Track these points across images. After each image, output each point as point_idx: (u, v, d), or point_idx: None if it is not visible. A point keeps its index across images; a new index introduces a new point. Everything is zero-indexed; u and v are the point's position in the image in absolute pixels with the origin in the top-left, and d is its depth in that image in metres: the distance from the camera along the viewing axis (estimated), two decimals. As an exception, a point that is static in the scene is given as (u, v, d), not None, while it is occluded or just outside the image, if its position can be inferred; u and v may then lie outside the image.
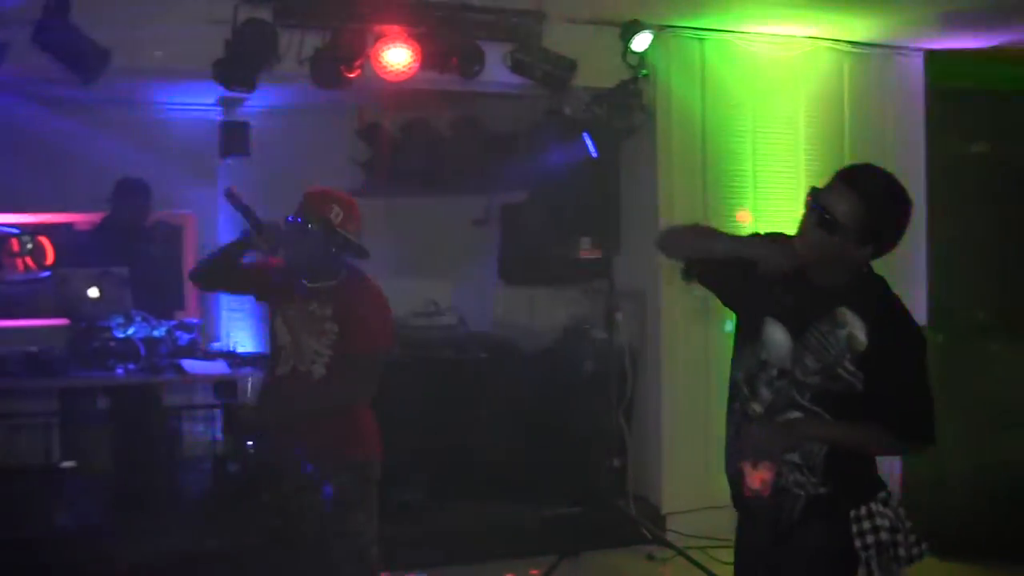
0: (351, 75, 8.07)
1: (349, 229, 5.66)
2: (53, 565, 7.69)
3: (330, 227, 5.60)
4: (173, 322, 9.22)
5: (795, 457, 4.23)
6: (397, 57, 8.06)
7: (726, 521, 8.83)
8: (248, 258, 5.90)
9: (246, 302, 11.21)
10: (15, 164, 9.67)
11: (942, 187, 9.49)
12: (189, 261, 11.22)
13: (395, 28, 8.11)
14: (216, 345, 10.20)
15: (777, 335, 4.24)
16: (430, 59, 8.21)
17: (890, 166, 4.17)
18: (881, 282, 4.21)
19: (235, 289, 6.31)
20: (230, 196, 5.74)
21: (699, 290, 7.49)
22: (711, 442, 8.91)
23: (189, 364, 8.95)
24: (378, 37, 8.10)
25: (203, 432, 10.16)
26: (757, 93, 9.47)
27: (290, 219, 5.67)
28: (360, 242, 5.74)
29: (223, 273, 5.95)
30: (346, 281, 5.72)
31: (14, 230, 11.16)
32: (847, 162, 4.35)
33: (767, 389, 4.28)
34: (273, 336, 5.84)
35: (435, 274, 11.43)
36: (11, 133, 9.72)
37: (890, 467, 8.06)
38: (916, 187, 9.73)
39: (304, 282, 5.70)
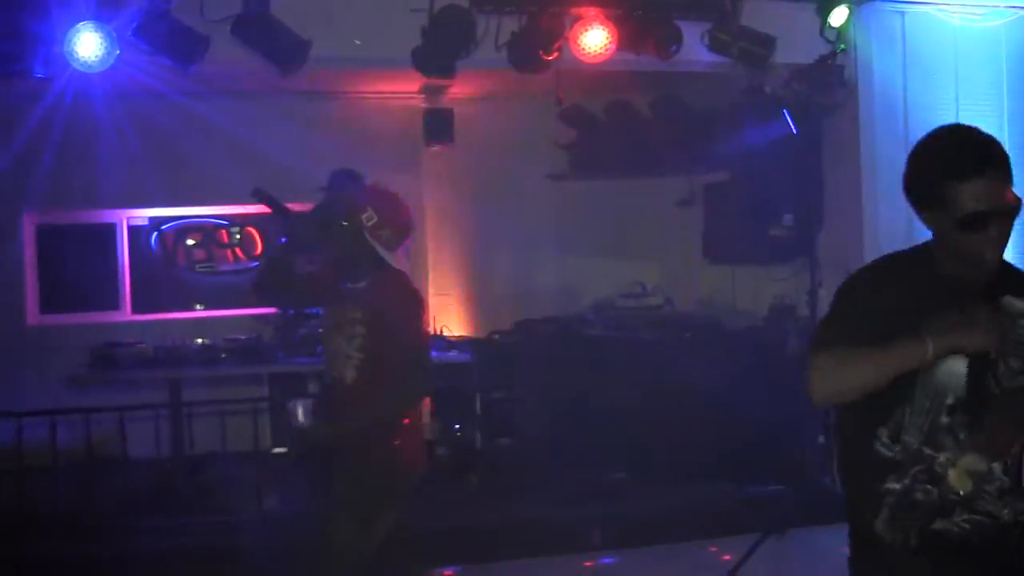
0: (549, 58, 8.21)
1: (379, 235, 5.39)
2: (261, 548, 7.77)
3: (357, 229, 5.39)
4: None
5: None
6: (594, 39, 8.16)
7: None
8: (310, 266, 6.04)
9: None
10: (221, 158, 9.94)
11: None
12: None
13: (591, 10, 8.20)
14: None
15: (955, 366, 3.45)
16: (627, 40, 8.29)
17: None
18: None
19: (301, 300, 6.46)
20: (257, 193, 5.78)
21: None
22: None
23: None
24: (575, 19, 8.21)
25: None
26: (959, 64, 9.40)
27: (315, 211, 5.80)
28: (394, 247, 5.46)
29: (279, 283, 5.93)
30: (377, 280, 5.47)
31: (223, 222, 11.59)
32: None
33: (954, 431, 3.46)
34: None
35: (640, 255, 11.56)
36: (212, 129, 9.97)
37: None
38: None
39: (345, 283, 5.56)
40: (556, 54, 8.22)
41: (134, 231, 11.23)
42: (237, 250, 11.54)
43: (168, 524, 8.31)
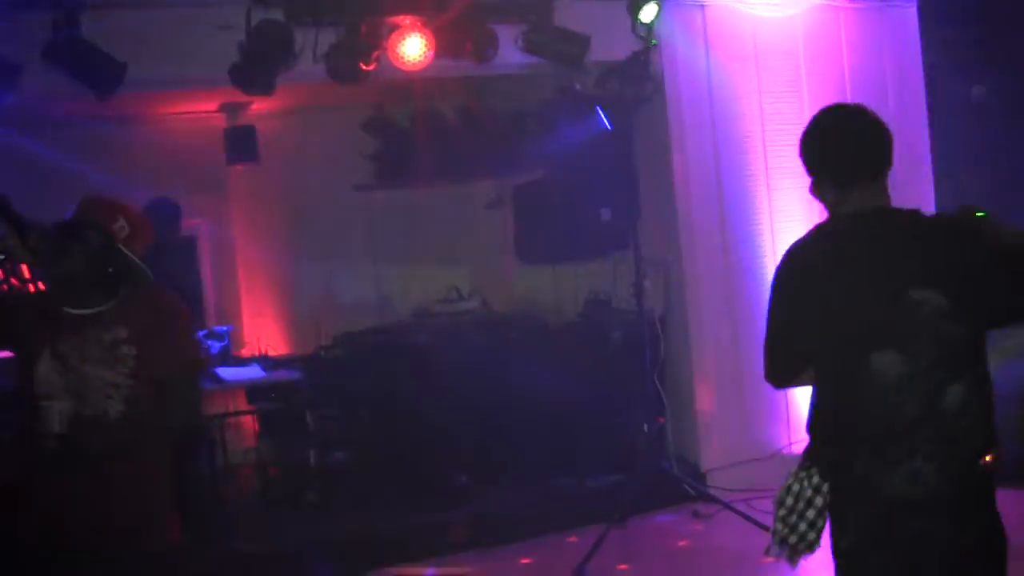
0: (368, 68, 8.25)
1: (135, 249, 4.71)
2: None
3: (111, 242, 4.63)
4: (203, 331, 9.36)
5: None
6: (413, 47, 8.23)
7: (766, 471, 9.20)
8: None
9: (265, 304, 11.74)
10: (24, 187, 9.72)
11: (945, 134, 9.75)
12: (205, 270, 11.40)
13: (408, 18, 8.28)
14: (245, 351, 10.40)
15: None
16: (444, 46, 8.36)
17: (891, 116, 4.39)
18: None
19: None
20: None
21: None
22: (743, 397, 9.23)
23: (224, 371, 9.14)
24: (392, 28, 8.27)
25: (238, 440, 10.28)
26: (760, 55, 9.71)
27: (62, 226, 4.66)
28: (144, 264, 4.76)
29: None
30: (132, 295, 4.73)
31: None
32: None
33: None
34: (31, 387, 4.60)
35: (453, 261, 11.65)
36: (17, 158, 9.73)
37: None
38: (919, 135, 10.04)
39: (75, 308, 4.66)
40: (375, 64, 8.25)
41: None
42: (40, 284, 11.26)
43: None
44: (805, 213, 9.46)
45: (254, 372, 9.42)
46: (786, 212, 9.62)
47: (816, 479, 3.98)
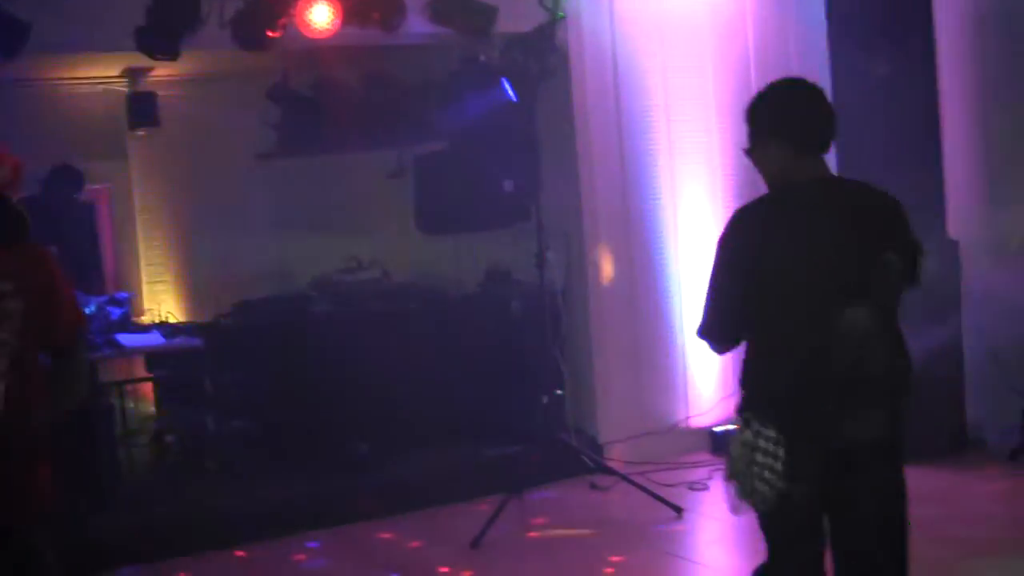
0: (274, 35, 8.22)
1: (13, 196, 4.33)
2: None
3: None
4: (104, 297, 9.31)
5: None
6: (320, 14, 8.20)
7: (663, 444, 9.32)
8: None
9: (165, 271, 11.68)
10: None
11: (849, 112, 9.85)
12: (106, 234, 11.33)
13: (315, -15, 8.22)
14: (145, 318, 10.35)
15: None
16: (352, 14, 8.35)
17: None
18: None
19: None
20: None
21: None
22: (642, 370, 9.33)
23: (124, 338, 9.08)
24: (299, -4, 8.23)
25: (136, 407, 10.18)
26: (665, 30, 9.76)
27: None
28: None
29: None
30: (10, 246, 4.24)
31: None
32: (754, 92, 4.55)
33: None
34: None
35: (354, 230, 11.61)
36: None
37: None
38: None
39: None
40: (281, 31, 8.22)
41: None
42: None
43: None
44: (708, 188, 9.62)
45: (154, 339, 9.39)
46: (688, 187, 9.77)
47: (770, 430, 4.18)
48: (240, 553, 8.18)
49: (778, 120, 4.40)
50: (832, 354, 4.11)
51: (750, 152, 4.48)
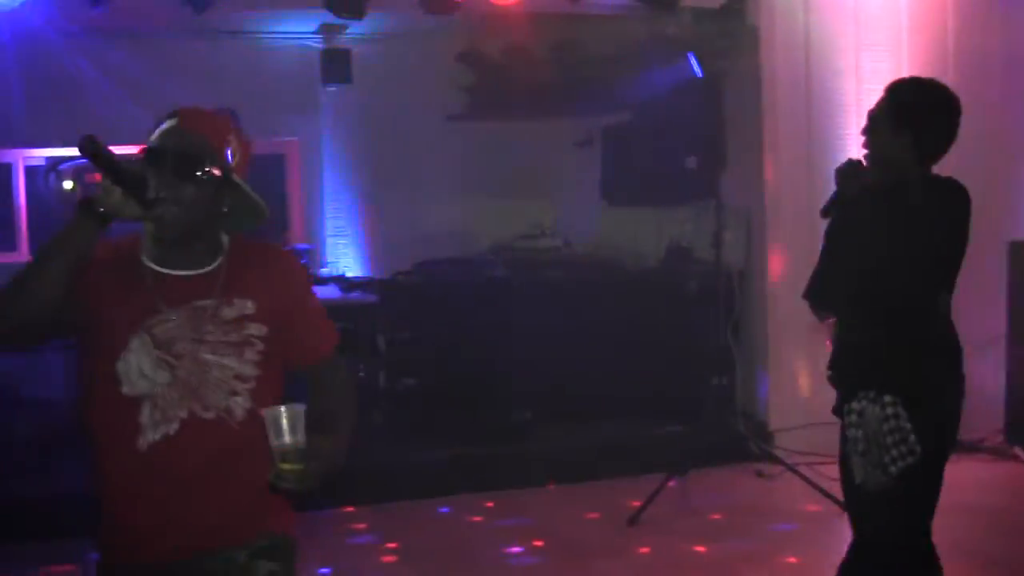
0: (460, 0, 8.24)
1: (244, 177, 3.48)
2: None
3: (228, 176, 3.40)
4: (286, 248, 9.43)
5: None
6: (507, -19, 8.19)
7: (834, 437, 9.11)
8: None
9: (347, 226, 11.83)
10: (120, 99, 9.88)
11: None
12: (293, 187, 11.51)
13: (504, -48, 8.22)
14: (324, 271, 10.48)
15: None
16: (538, -18, 8.33)
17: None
18: None
19: (48, 328, 3.32)
20: (86, 144, 3.09)
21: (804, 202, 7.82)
22: (816, 359, 9.14)
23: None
24: (489, -38, 8.23)
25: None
26: (860, 10, 9.56)
27: (171, 157, 3.30)
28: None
29: (56, 290, 3.18)
30: (239, 247, 3.52)
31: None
32: (951, 78, 4.60)
33: None
34: (109, 385, 3.31)
35: (539, 197, 11.64)
36: (110, 69, 9.88)
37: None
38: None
39: (166, 271, 3.41)
40: (467, -4, 8.26)
41: (31, 171, 11.06)
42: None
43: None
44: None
45: (330, 292, 9.52)
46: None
47: (888, 399, 4.60)
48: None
49: (944, 129, 4.76)
50: (938, 330, 4.77)
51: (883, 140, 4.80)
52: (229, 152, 3.40)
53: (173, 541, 3.39)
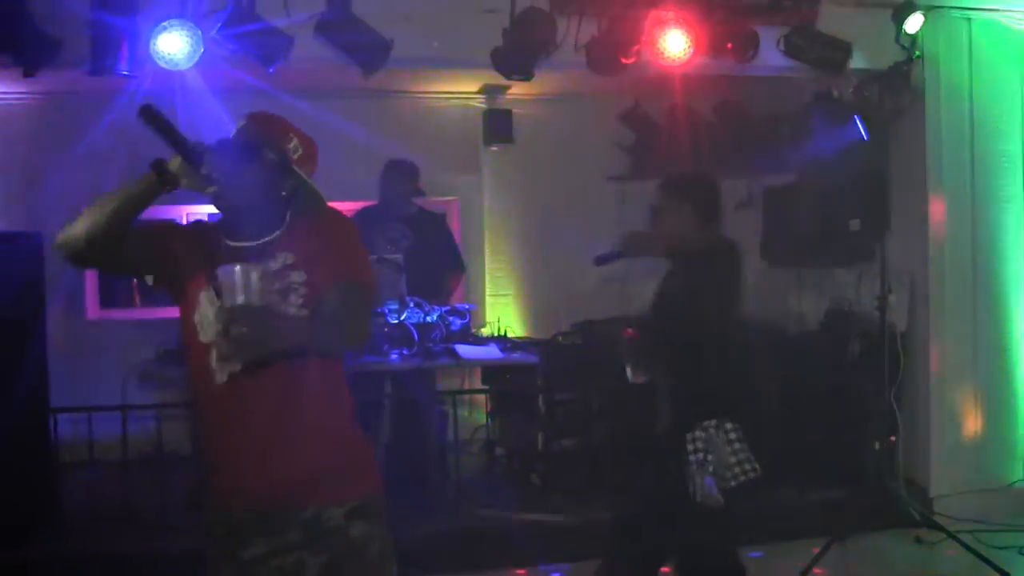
0: (627, 61, 8.37)
1: (308, 172, 4.26)
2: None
3: (287, 164, 4.19)
4: (446, 308, 9.59)
5: None
6: (674, 43, 8.31)
7: (996, 504, 9.05)
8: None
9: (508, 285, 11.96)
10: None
11: None
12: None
13: (672, 13, 8.36)
14: (485, 330, 10.61)
15: None
16: (706, 44, 8.45)
17: None
18: None
19: (125, 264, 4.21)
20: (145, 111, 3.82)
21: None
22: (980, 424, 9.09)
23: (462, 349, 9.35)
24: (654, 23, 8.36)
25: (470, 416, 10.49)
26: (1024, 70, 9.50)
27: (234, 144, 4.16)
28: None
29: (115, 233, 3.96)
30: (299, 220, 4.23)
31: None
32: None
33: None
34: (191, 334, 4.11)
35: (699, 256, 11.67)
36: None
37: None
38: None
39: (236, 243, 4.18)
40: (635, 58, 8.37)
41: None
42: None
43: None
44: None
45: (491, 352, 9.60)
46: (1043, 235, 9.49)
47: (729, 425, 5.73)
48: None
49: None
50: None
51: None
52: (291, 147, 4.21)
53: (264, 485, 4.02)
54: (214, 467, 4.17)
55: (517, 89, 10.70)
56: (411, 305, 9.14)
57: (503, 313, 11.47)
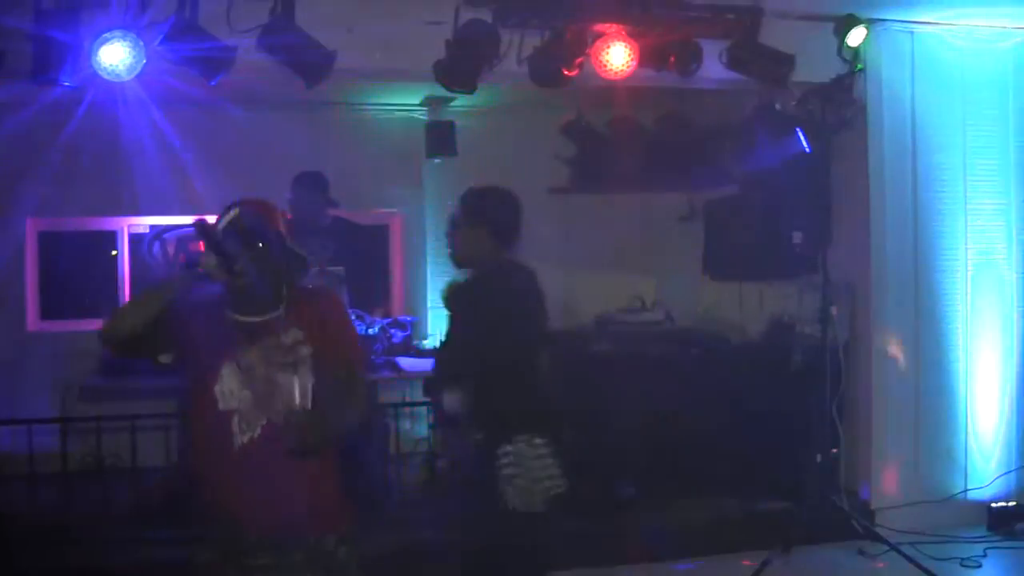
0: (570, 74, 8.36)
1: (290, 239, 4.82)
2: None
3: (283, 242, 4.74)
4: (388, 320, 9.56)
5: None
6: (617, 56, 8.30)
7: (938, 515, 9.10)
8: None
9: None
10: (222, 167, 10.08)
11: None
12: (396, 258, 11.67)
13: (614, 27, 8.37)
14: (427, 342, 10.58)
15: None
16: (648, 57, 8.43)
17: None
18: None
19: (152, 348, 4.69)
20: (201, 228, 4.46)
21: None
22: (921, 436, 9.14)
23: (405, 361, 9.32)
24: (597, 36, 8.36)
25: (412, 429, 10.44)
26: (967, 85, 9.57)
27: (245, 233, 4.60)
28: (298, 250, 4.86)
29: (150, 324, 4.53)
30: (293, 292, 4.79)
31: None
32: None
33: None
34: (209, 403, 4.63)
35: (641, 270, 11.77)
36: (213, 138, 10.16)
37: None
38: None
39: (243, 318, 4.71)
40: (577, 70, 8.36)
41: (135, 239, 11.31)
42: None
43: (177, 535, 8.36)
44: (1003, 250, 9.40)
45: (433, 364, 9.57)
46: (983, 248, 9.58)
47: (538, 440, 5.96)
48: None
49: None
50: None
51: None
52: (282, 225, 4.76)
53: (274, 519, 4.59)
54: (221, 504, 4.69)
55: (460, 101, 10.64)
56: (353, 317, 9.07)
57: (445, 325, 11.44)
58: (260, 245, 4.61)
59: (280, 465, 4.52)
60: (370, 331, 9.20)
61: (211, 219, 4.53)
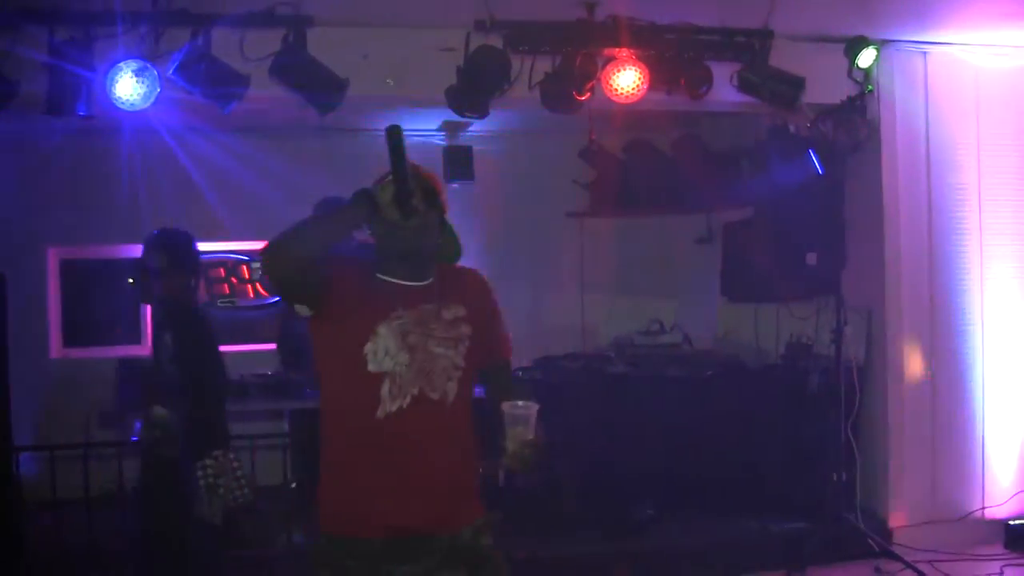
0: (581, 98, 8.45)
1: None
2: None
3: (443, 215, 4.48)
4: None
5: None
6: (627, 80, 8.38)
7: (954, 534, 9.12)
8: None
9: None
10: (242, 195, 10.23)
11: None
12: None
13: (624, 51, 8.44)
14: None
15: None
16: (659, 81, 8.51)
17: None
18: None
19: (305, 288, 4.26)
20: (394, 132, 4.27)
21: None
22: (938, 455, 9.17)
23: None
24: (608, 60, 8.45)
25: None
26: (981, 105, 9.61)
27: (419, 187, 4.27)
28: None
29: (316, 257, 4.20)
30: (446, 273, 4.50)
31: (244, 257, 11.83)
32: None
33: None
34: (357, 363, 4.25)
35: (659, 292, 11.80)
36: (234, 165, 10.27)
37: None
38: None
39: (393, 280, 4.36)
40: (588, 94, 8.44)
41: (157, 267, 11.41)
42: (258, 285, 11.77)
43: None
44: (1018, 270, 9.42)
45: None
46: (997, 268, 9.62)
47: (232, 455, 6.73)
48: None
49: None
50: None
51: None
52: (443, 199, 4.43)
53: (406, 513, 4.24)
54: (347, 496, 4.34)
55: (478, 125, 10.72)
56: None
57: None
58: (435, 200, 4.35)
59: (425, 442, 4.21)
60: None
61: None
